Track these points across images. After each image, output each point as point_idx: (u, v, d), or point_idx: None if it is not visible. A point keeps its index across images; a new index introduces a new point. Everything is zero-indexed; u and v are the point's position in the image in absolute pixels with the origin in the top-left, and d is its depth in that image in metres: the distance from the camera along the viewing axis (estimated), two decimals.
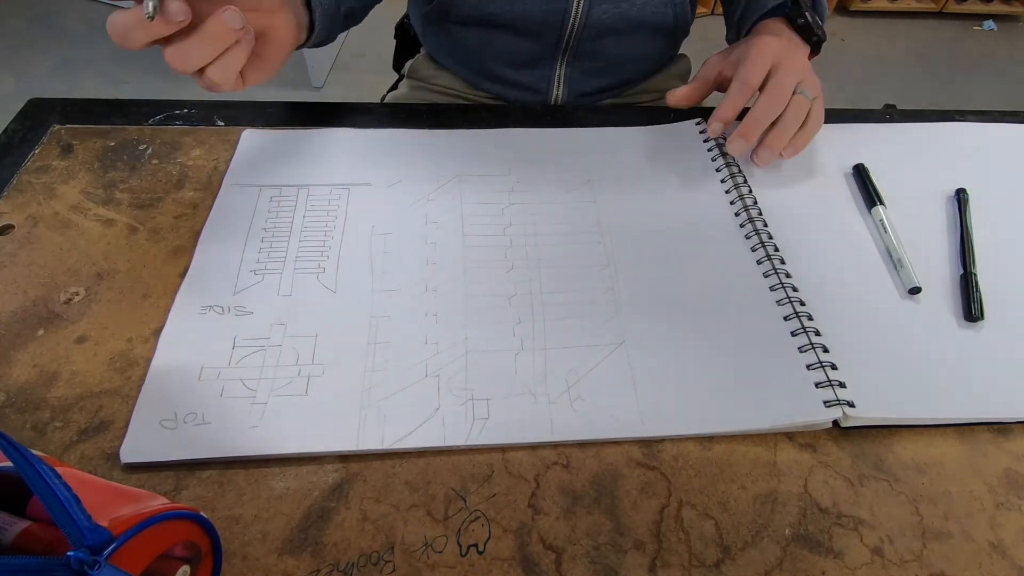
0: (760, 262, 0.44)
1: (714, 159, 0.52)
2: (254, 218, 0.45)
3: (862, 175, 0.51)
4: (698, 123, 0.55)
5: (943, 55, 2.21)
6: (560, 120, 0.56)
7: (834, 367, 0.38)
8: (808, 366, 0.39)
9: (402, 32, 0.79)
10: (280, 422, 0.35)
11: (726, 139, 0.50)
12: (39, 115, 0.53)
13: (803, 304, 0.42)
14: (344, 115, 0.54)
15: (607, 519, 0.33)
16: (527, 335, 0.40)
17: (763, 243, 0.45)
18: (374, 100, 0.69)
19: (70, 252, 0.43)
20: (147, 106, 0.54)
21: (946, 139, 0.56)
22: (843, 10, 2.36)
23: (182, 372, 0.37)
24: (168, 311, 0.40)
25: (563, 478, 0.34)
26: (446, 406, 0.36)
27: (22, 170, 0.48)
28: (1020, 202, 0.51)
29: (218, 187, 0.47)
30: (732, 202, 0.48)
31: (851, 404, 0.36)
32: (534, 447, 0.35)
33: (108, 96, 0.56)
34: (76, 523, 0.21)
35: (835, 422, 0.37)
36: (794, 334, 0.40)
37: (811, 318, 0.41)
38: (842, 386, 0.37)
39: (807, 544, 0.33)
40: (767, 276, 0.43)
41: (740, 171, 0.50)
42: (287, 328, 0.39)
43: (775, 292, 0.42)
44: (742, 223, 0.47)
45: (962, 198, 0.49)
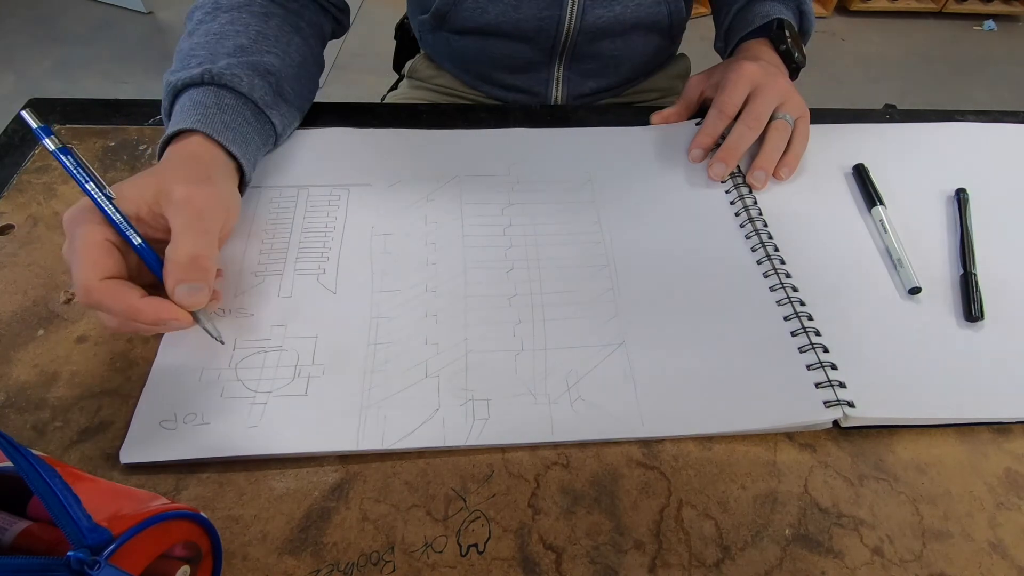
0: (760, 262, 0.44)
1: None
2: (254, 219, 0.45)
3: (862, 175, 0.51)
4: (697, 123, 0.55)
5: (943, 55, 2.21)
6: (560, 120, 0.56)
7: (834, 367, 0.38)
8: (808, 366, 0.39)
9: (402, 32, 0.79)
10: (280, 423, 0.35)
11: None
12: (39, 115, 0.52)
13: (803, 304, 0.42)
14: (344, 115, 0.54)
15: (607, 519, 0.33)
16: (527, 335, 0.40)
17: (763, 243, 0.45)
18: (374, 100, 0.69)
19: None
20: (147, 106, 0.54)
21: (946, 139, 0.56)
22: (843, 10, 2.36)
23: (183, 373, 0.37)
24: None
25: (563, 478, 0.34)
26: (446, 407, 0.36)
27: (22, 170, 0.48)
28: (1020, 202, 0.51)
29: None
30: (732, 202, 0.48)
31: (851, 404, 0.36)
32: (534, 447, 0.35)
33: (108, 96, 0.56)
34: (76, 523, 0.21)
35: (835, 422, 0.37)
36: (794, 334, 0.40)
37: (811, 318, 0.41)
38: (842, 386, 0.37)
39: (807, 544, 0.33)
40: (767, 276, 0.43)
41: (740, 171, 0.50)
42: (287, 329, 0.39)
43: (775, 292, 0.42)
44: (742, 223, 0.47)
45: (962, 198, 0.49)
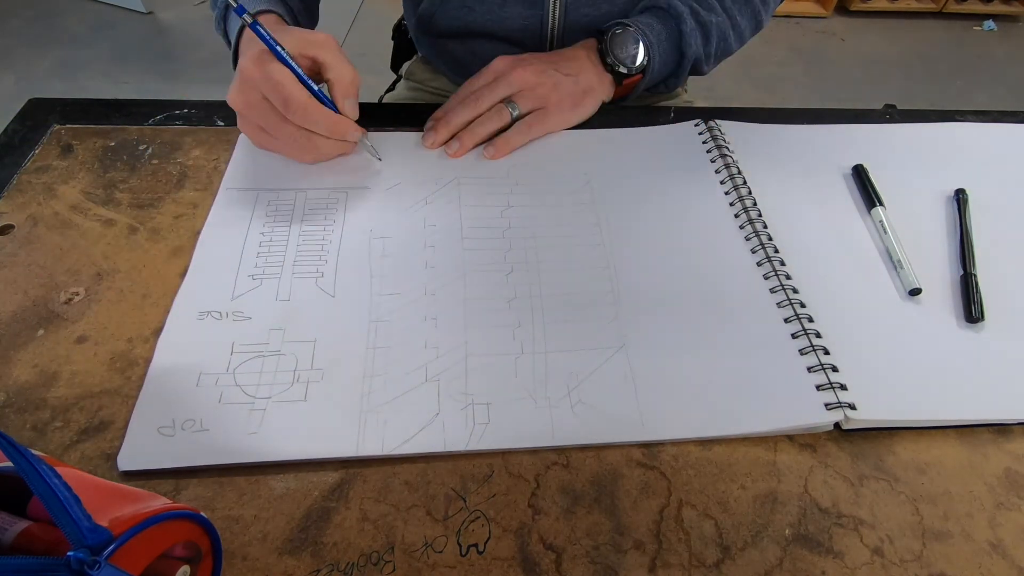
0: (760, 264, 0.44)
1: (713, 160, 0.52)
2: (251, 222, 0.45)
3: (861, 176, 0.51)
4: (697, 124, 0.55)
5: (943, 55, 2.21)
6: None
7: (835, 369, 0.38)
8: (809, 368, 0.39)
9: (399, 33, 0.79)
10: (279, 428, 0.35)
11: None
12: (39, 115, 0.53)
13: (804, 306, 0.42)
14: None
15: (607, 519, 0.33)
16: (527, 339, 0.39)
17: (763, 244, 0.45)
18: (373, 100, 0.69)
19: (70, 252, 0.43)
20: (147, 106, 0.54)
21: (946, 139, 0.56)
22: (843, 10, 2.36)
23: (180, 378, 0.36)
24: (168, 311, 0.40)
25: (563, 478, 0.34)
26: (446, 411, 0.36)
27: (22, 170, 0.48)
28: (1020, 202, 0.51)
29: (218, 187, 0.47)
30: (732, 203, 0.48)
31: (852, 407, 0.36)
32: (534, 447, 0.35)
33: (108, 96, 0.56)
34: (76, 523, 0.21)
35: (836, 424, 0.37)
36: (795, 336, 0.40)
37: (812, 320, 0.41)
38: (843, 388, 0.37)
39: (807, 544, 0.33)
40: (767, 278, 0.43)
41: (740, 172, 0.50)
42: (285, 333, 0.39)
43: (776, 294, 0.42)
44: (742, 224, 0.47)
45: (962, 198, 0.49)
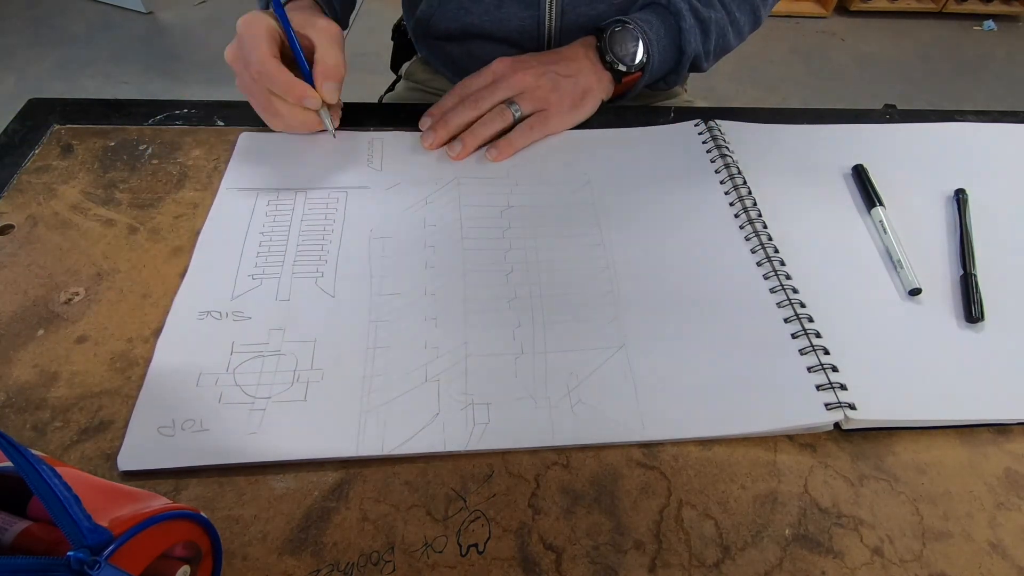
0: (760, 264, 0.44)
1: (713, 160, 0.52)
2: (251, 222, 0.45)
3: (861, 176, 0.51)
4: (697, 124, 0.55)
5: (943, 55, 2.21)
6: None
7: (835, 369, 0.38)
8: (809, 368, 0.39)
9: (399, 34, 0.79)
10: (279, 428, 0.35)
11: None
12: (39, 115, 0.53)
13: (804, 306, 0.42)
14: (343, 115, 0.54)
15: (607, 519, 0.33)
16: (527, 339, 0.39)
17: (763, 244, 0.45)
18: (373, 100, 0.69)
19: (70, 252, 0.43)
20: (147, 106, 0.54)
21: (946, 139, 0.56)
22: (843, 10, 2.36)
23: (180, 379, 0.36)
24: (168, 311, 0.40)
25: (563, 478, 0.34)
26: (446, 411, 0.36)
27: (22, 170, 0.48)
28: (1020, 202, 0.51)
29: (218, 187, 0.47)
30: (732, 203, 0.48)
31: (852, 407, 0.36)
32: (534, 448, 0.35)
33: (108, 96, 0.56)
34: (76, 523, 0.21)
35: (836, 424, 0.37)
36: (795, 336, 0.40)
37: (812, 320, 0.41)
38: (843, 388, 0.37)
39: (807, 544, 0.33)
40: (767, 278, 0.43)
41: (740, 172, 0.50)
42: (285, 333, 0.39)
43: (776, 294, 0.42)
44: (742, 224, 0.47)
45: (961, 198, 0.49)
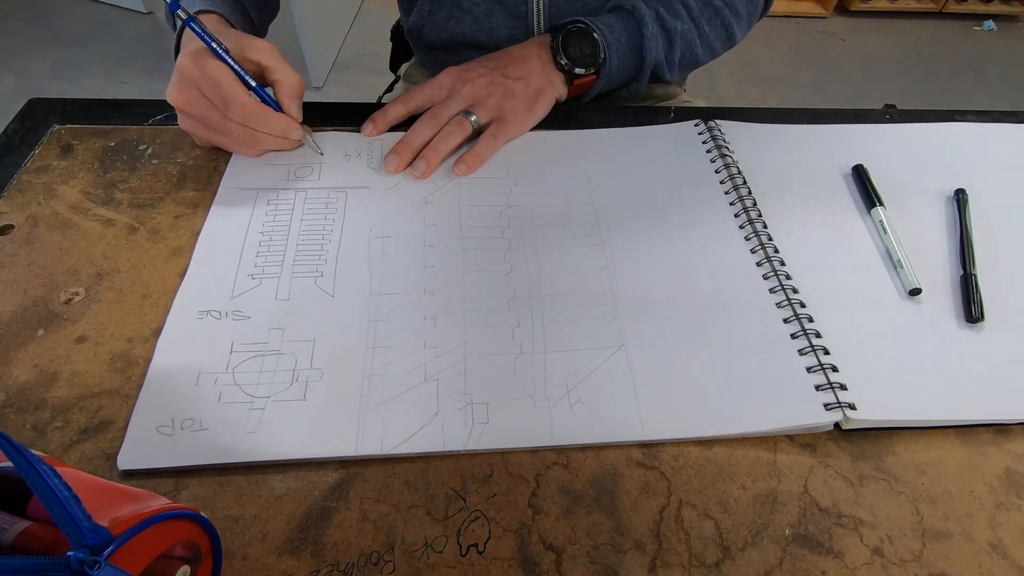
0: (760, 264, 0.44)
1: (713, 160, 0.52)
2: (251, 222, 0.45)
3: (861, 176, 0.51)
4: (697, 124, 0.55)
5: (943, 55, 2.21)
6: (558, 121, 0.55)
7: (835, 369, 0.38)
8: (809, 368, 0.39)
9: (398, 35, 0.79)
10: (278, 428, 0.35)
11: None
12: (39, 115, 0.53)
13: (803, 306, 0.42)
14: (343, 115, 0.54)
15: (607, 519, 0.33)
16: (526, 338, 0.40)
17: (763, 244, 0.45)
18: (372, 100, 0.69)
19: (70, 252, 0.43)
20: (147, 106, 0.54)
21: (946, 139, 0.56)
22: (843, 10, 2.36)
23: (179, 378, 0.36)
24: (168, 311, 0.40)
25: (563, 478, 0.34)
26: (445, 410, 0.36)
27: (22, 170, 0.48)
28: (1020, 202, 0.51)
29: (217, 187, 0.47)
30: (732, 203, 0.48)
31: (852, 407, 0.36)
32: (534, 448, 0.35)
33: (108, 96, 0.56)
34: (76, 523, 0.21)
35: (836, 424, 0.37)
36: (794, 336, 0.40)
37: (811, 320, 0.41)
38: (843, 388, 0.37)
39: (807, 544, 0.33)
40: (767, 278, 0.43)
41: (740, 172, 0.50)
42: (285, 333, 0.39)
43: (775, 294, 0.42)
44: (742, 224, 0.47)
45: (961, 198, 0.49)
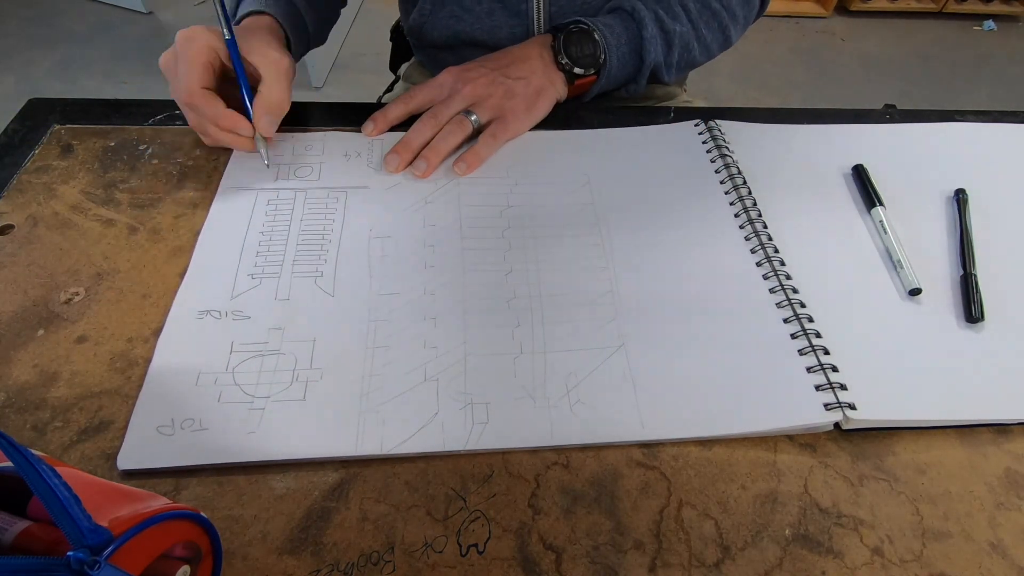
0: (760, 264, 0.44)
1: (713, 160, 0.52)
2: (251, 222, 0.45)
3: (861, 176, 0.51)
4: (697, 124, 0.55)
5: (943, 55, 2.21)
6: (558, 121, 0.56)
7: (835, 369, 0.38)
8: (809, 368, 0.39)
9: (398, 35, 0.79)
10: (278, 428, 0.35)
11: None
12: (39, 115, 0.53)
13: (803, 306, 0.42)
14: (343, 115, 0.54)
15: (607, 519, 0.33)
16: (526, 338, 0.40)
17: (763, 244, 0.45)
18: (372, 100, 0.69)
19: (70, 252, 0.43)
20: (147, 106, 0.54)
21: (946, 139, 0.56)
22: (843, 10, 2.36)
23: (179, 378, 0.36)
24: (168, 311, 0.40)
25: (563, 478, 0.34)
26: (445, 410, 0.36)
27: (22, 170, 0.48)
28: (1020, 202, 0.51)
29: (217, 187, 0.47)
30: (732, 203, 0.48)
31: (852, 407, 0.36)
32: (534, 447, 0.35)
33: (108, 96, 0.56)
34: (76, 523, 0.21)
35: (836, 424, 0.37)
36: (794, 336, 0.40)
37: (811, 320, 0.41)
38: (843, 388, 0.37)
39: (807, 544, 0.33)
40: (767, 278, 0.43)
41: (740, 172, 0.50)
42: (285, 333, 0.39)
43: (775, 294, 0.42)
44: (742, 224, 0.47)
45: (961, 198, 0.49)
